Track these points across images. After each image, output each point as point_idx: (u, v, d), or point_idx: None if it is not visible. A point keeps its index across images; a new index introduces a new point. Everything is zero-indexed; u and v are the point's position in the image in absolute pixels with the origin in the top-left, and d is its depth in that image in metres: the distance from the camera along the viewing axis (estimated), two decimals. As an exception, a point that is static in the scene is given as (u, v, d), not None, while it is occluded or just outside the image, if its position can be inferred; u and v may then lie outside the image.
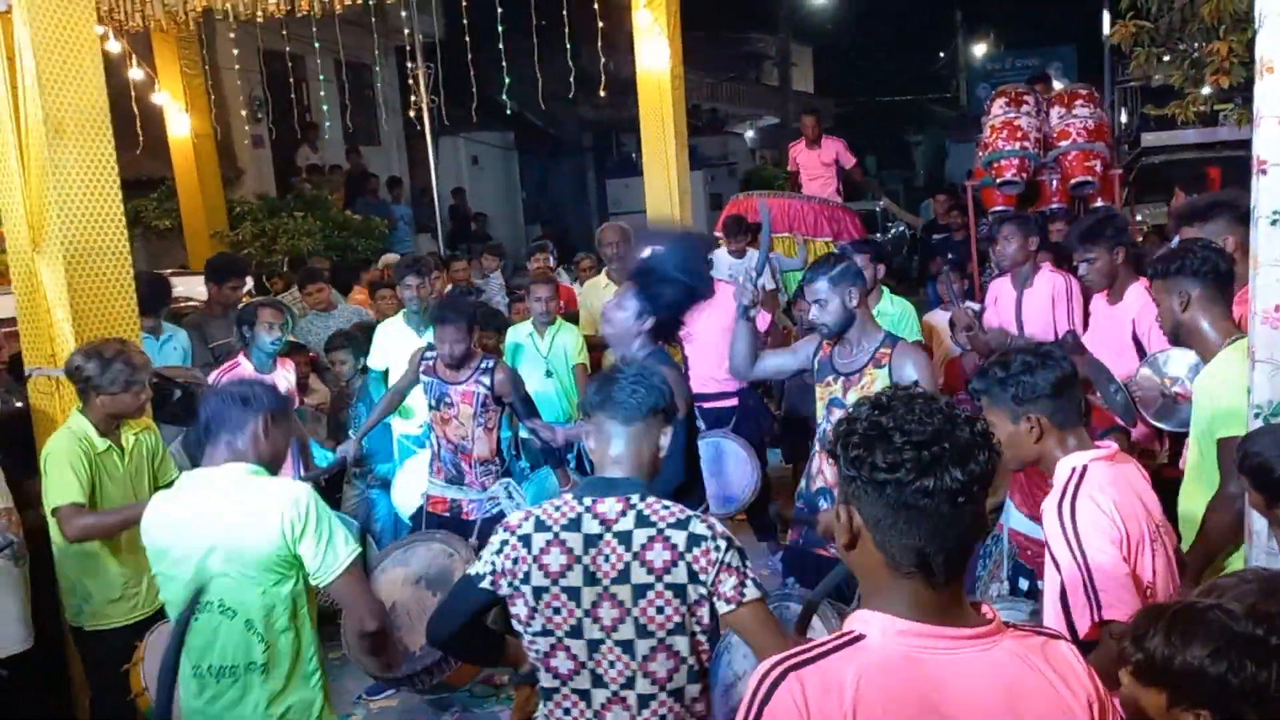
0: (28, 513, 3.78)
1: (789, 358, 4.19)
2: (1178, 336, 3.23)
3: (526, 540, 2.39)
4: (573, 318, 6.74)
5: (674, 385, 2.71)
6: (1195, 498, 3.11)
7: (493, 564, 2.43)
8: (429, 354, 4.84)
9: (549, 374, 5.92)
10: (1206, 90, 7.53)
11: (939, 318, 6.49)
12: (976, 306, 5.69)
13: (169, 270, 7.64)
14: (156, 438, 4.00)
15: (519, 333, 6.08)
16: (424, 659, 3.94)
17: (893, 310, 5.62)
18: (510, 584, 2.39)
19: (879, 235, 17.39)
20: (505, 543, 2.42)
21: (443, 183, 13.69)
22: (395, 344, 5.58)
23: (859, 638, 1.52)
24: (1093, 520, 2.31)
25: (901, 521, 1.49)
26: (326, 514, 2.82)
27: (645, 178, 7.88)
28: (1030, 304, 5.29)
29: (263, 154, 13.56)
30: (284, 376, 5.25)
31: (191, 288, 7.43)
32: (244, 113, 13.02)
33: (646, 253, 3.92)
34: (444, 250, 11.95)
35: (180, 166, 10.53)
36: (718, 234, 8.30)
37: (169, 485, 3.36)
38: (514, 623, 2.44)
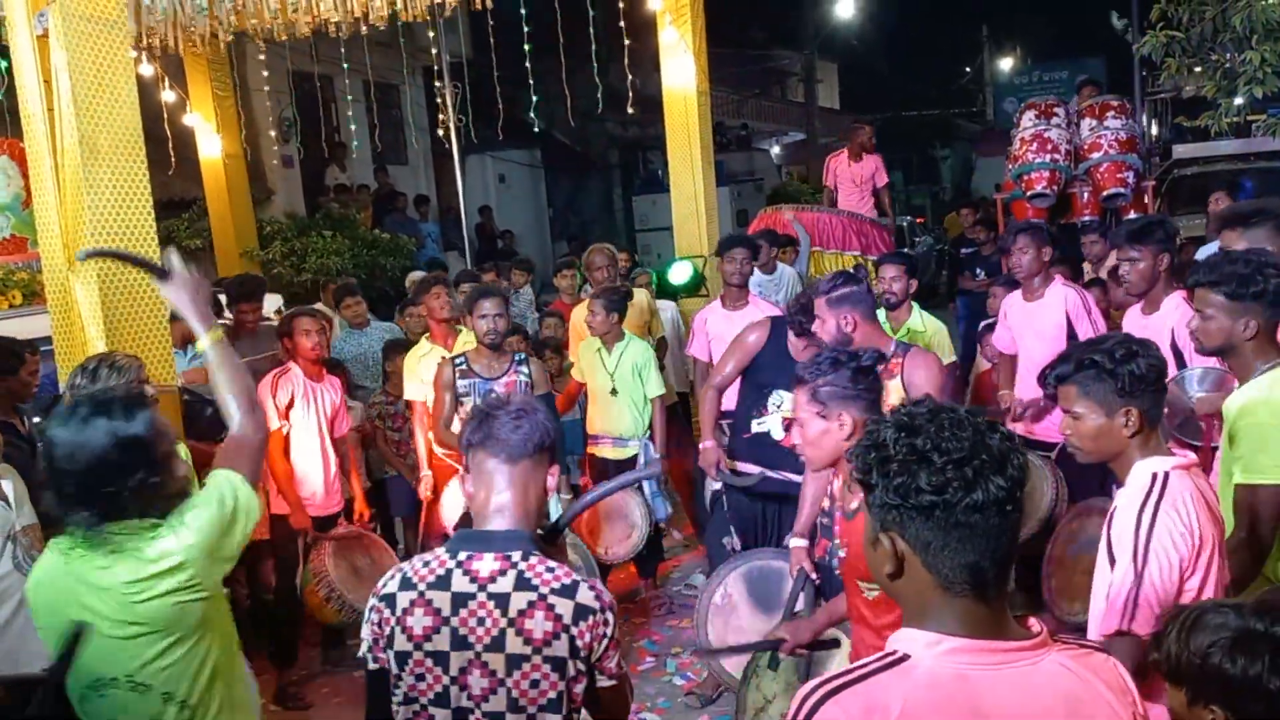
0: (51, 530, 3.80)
1: None
2: (1220, 352, 3.06)
3: (390, 600, 2.15)
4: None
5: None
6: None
7: (367, 637, 2.18)
8: (458, 362, 4.87)
9: (614, 391, 5.76)
10: (1239, 100, 7.46)
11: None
12: None
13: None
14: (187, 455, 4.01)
15: (589, 346, 5.98)
16: None
17: (924, 329, 5.57)
18: (384, 650, 2.15)
19: (907, 250, 17.33)
20: (372, 607, 2.18)
21: (470, 201, 13.76)
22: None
23: (903, 658, 1.49)
24: (1169, 535, 2.24)
25: (954, 541, 1.46)
26: None
27: (672, 194, 7.89)
28: (1041, 317, 5.22)
29: (292, 174, 13.68)
30: (330, 390, 5.26)
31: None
32: (273, 133, 13.13)
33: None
34: (471, 267, 11.99)
35: (211, 187, 10.63)
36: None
37: None
38: None
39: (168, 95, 9.15)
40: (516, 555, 2.14)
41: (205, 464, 2.74)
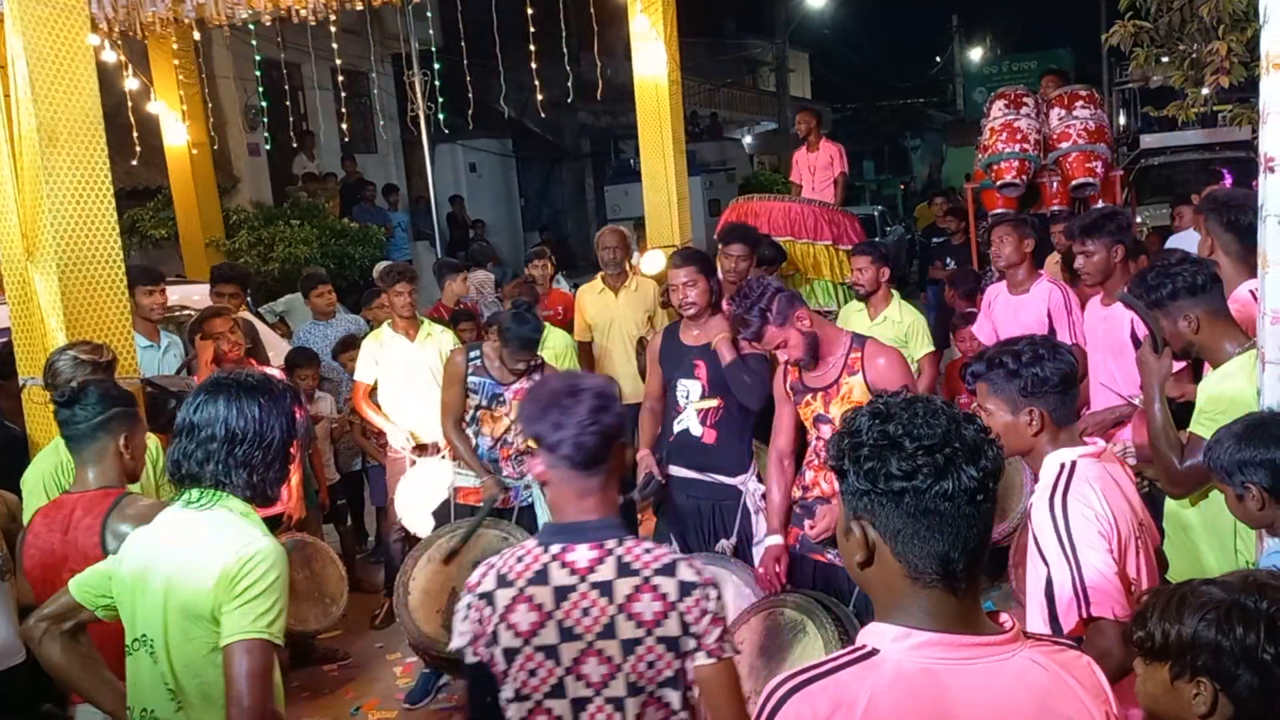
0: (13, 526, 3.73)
1: (785, 415, 3.98)
2: (1189, 355, 3.19)
3: (489, 598, 2.16)
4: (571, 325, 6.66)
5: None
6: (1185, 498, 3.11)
7: (467, 633, 2.19)
8: (473, 355, 4.79)
9: None
10: (1205, 91, 7.50)
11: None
12: None
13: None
14: (157, 446, 3.93)
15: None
16: None
17: (902, 319, 5.54)
18: (486, 646, 2.16)
19: (878, 240, 17.39)
20: (469, 604, 2.18)
21: (440, 190, 13.69)
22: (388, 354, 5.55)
23: (872, 652, 1.48)
24: (1084, 517, 2.30)
25: (923, 529, 1.46)
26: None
27: (644, 184, 7.85)
28: (1024, 311, 5.25)
29: (259, 162, 13.54)
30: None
31: (188, 295, 7.40)
32: (240, 121, 13.02)
33: None
34: (442, 256, 11.93)
35: (176, 175, 10.50)
36: (717, 238, 8.27)
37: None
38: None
39: (131, 83, 9.00)
40: (611, 543, 2.17)
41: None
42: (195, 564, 2.32)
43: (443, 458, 5.19)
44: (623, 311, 6.38)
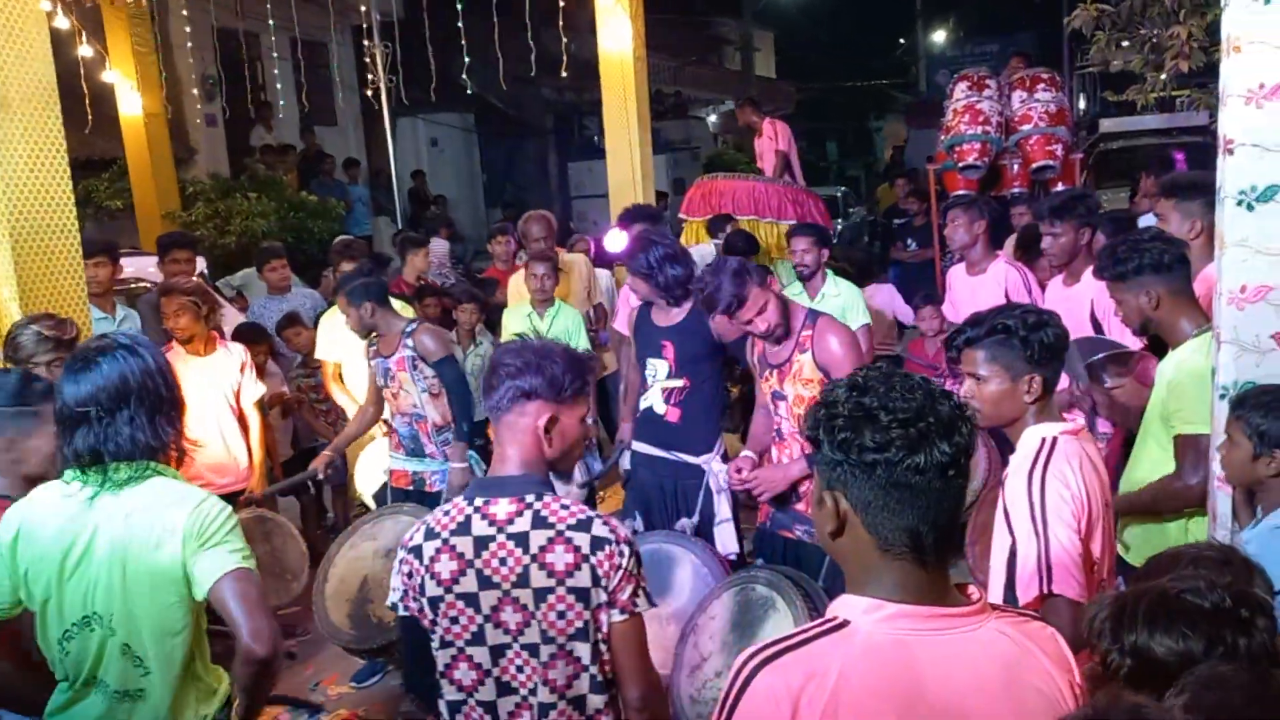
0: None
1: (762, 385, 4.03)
2: (1147, 330, 3.24)
3: (417, 551, 2.26)
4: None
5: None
6: (1141, 469, 3.18)
7: (398, 588, 2.30)
8: (372, 339, 4.77)
9: None
10: (1164, 76, 7.59)
11: (882, 298, 6.60)
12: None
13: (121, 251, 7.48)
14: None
15: (518, 313, 5.92)
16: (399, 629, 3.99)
17: (837, 293, 5.60)
18: (415, 599, 2.26)
19: (840, 221, 17.45)
20: (401, 560, 2.29)
21: (401, 164, 13.54)
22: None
23: (843, 624, 1.49)
24: (1060, 495, 2.30)
25: (893, 501, 1.47)
26: None
27: (608, 160, 7.82)
28: (983, 293, 5.30)
29: (216, 133, 13.33)
30: (226, 359, 5.11)
31: (143, 268, 7.28)
32: (197, 91, 12.77)
33: None
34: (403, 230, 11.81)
35: (131, 146, 10.32)
36: (682, 216, 8.25)
37: None
38: None
39: (85, 51, 8.81)
40: (531, 498, 2.24)
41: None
42: (154, 533, 2.32)
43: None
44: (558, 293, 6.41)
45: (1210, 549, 1.92)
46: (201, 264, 7.16)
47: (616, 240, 7.39)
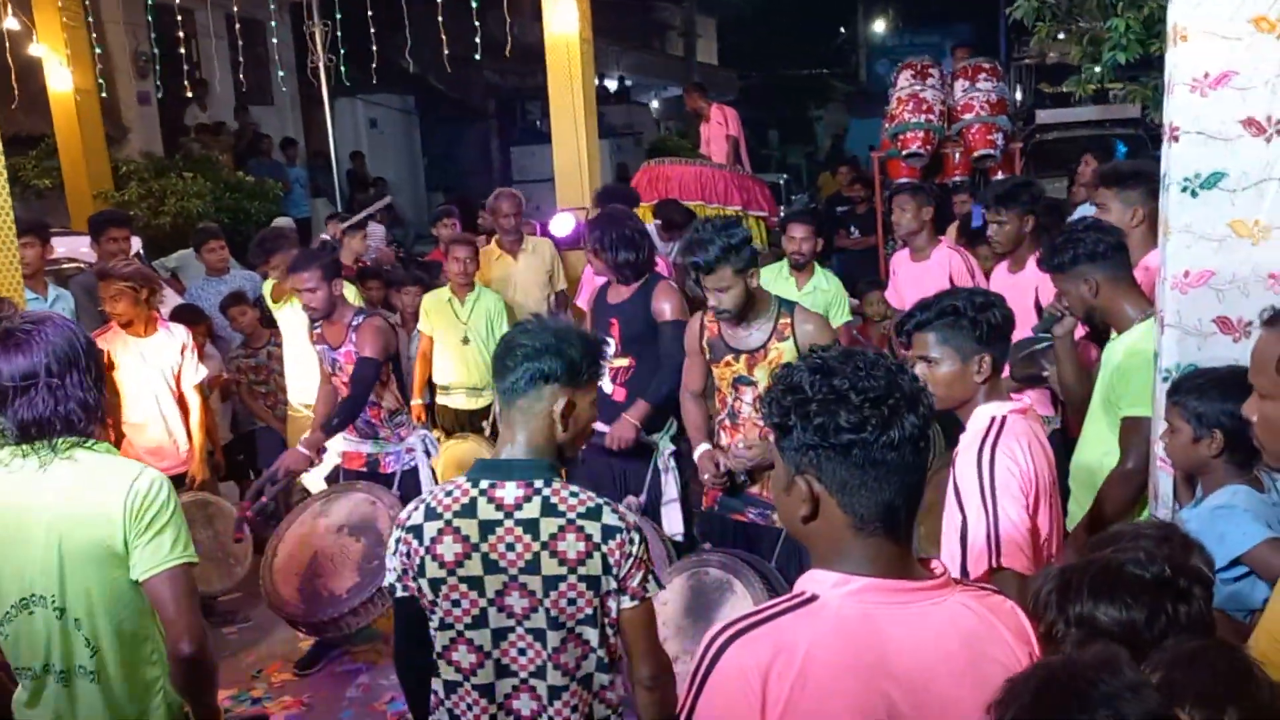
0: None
1: (696, 366, 4.01)
2: (1093, 320, 3.31)
3: (417, 531, 2.23)
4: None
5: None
6: (1089, 450, 3.25)
7: (395, 568, 2.27)
8: (315, 324, 4.71)
9: (466, 340, 5.76)
10: (1098, 69, 7.73)
11: None
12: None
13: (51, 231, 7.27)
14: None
15: (438, 297, 5.89)
16: (350, 600, 4.01)
17: (828, 287, 5.63)
18: (414, 579, 2.24)
19: (783, 208, 17.53)
20: (398, 539, 2.26)
21: (340, 146, 13.28)
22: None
23: (811, 598, 1.50)
24: (1009, 471, 2.35)
25: (870, 479, 1.48)
26: None
27: (554, 145, 7.77)
28: (927, 278, 5.36)
29: (149, 112, 12.98)
30: (167, 341, 4.99)
31: (75, 248, 7.08)
32: (130, 68, 12.44)
33: None
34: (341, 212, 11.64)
35: (61, 123, 10.02)
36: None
37: None
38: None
39: (10, 24, 8.53)
40: (539, 483, 2.21)
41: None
42: (91, 507, 2.27)
43: None
44: (524, 275, 6.41)
45: (1150, 526, 1.97)
46: (137, 244, 7.00)
47: (563, 224, 7.36)
